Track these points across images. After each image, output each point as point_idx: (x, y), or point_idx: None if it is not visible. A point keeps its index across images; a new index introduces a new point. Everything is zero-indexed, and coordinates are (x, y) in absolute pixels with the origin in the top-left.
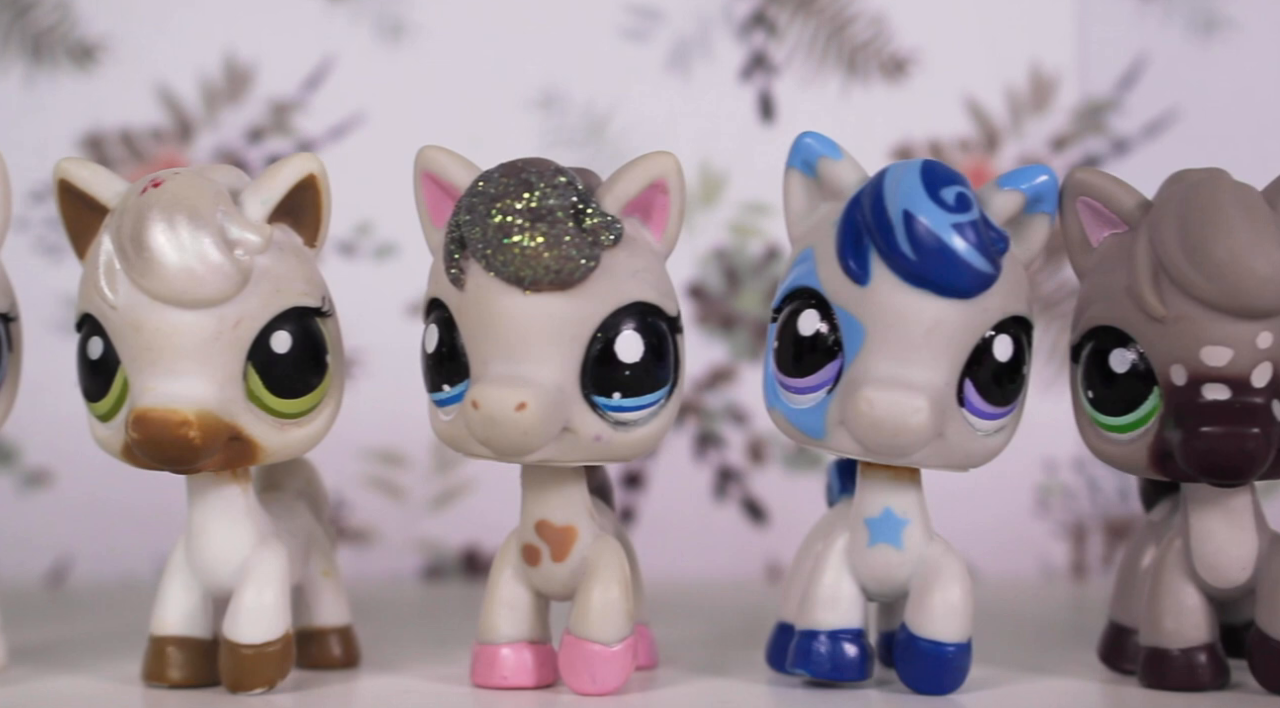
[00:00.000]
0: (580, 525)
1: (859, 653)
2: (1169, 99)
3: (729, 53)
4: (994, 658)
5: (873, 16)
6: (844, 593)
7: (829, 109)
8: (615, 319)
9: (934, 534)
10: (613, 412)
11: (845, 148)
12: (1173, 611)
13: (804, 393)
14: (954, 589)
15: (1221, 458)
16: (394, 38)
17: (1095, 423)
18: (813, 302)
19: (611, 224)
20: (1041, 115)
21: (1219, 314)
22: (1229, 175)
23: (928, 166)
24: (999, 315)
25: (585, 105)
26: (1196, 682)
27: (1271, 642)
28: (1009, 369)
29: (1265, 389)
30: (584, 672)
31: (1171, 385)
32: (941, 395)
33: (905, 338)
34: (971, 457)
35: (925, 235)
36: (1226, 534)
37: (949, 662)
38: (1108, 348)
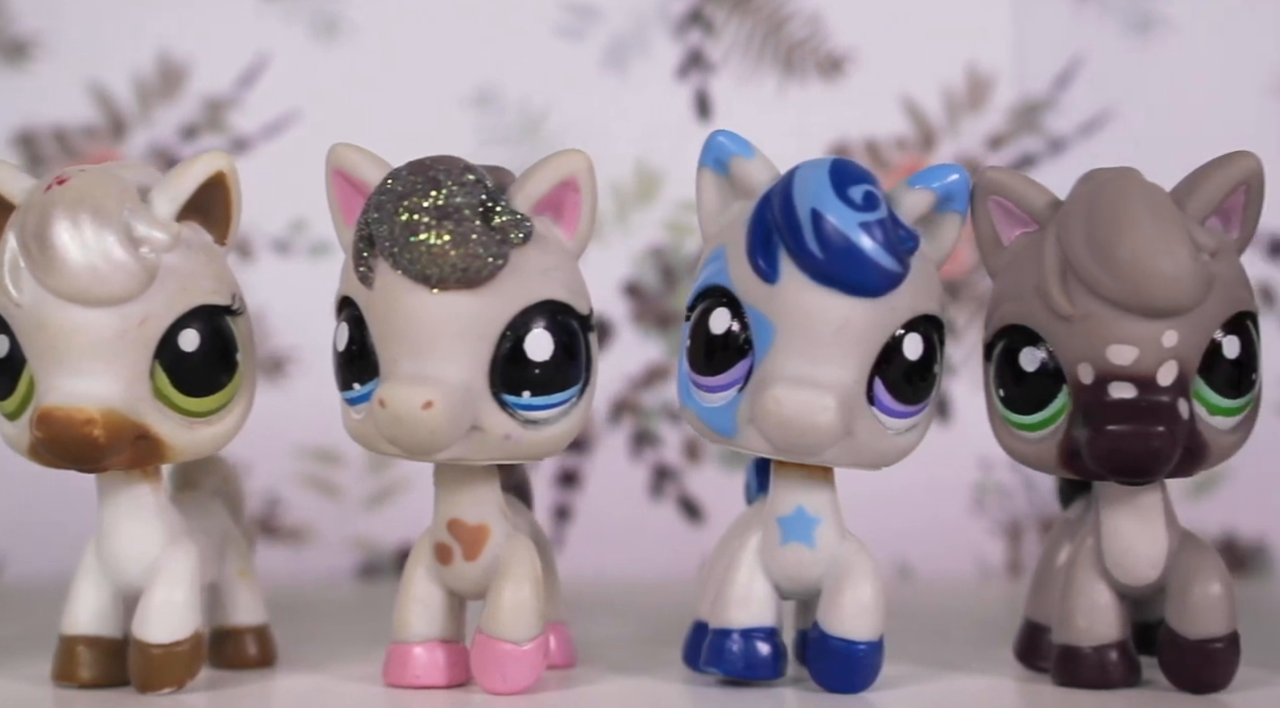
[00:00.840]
0: (492, 524)
1: (772, 652)
2: (1105, 98)
3: (665, 51)
4: (917, 656)
5: (809, 15)
6: (757, 592)
7: (766, 108)
8: (525, 318)
9: (847, 533)
10: (523, 410)
11: (760, 146)
12: (1085, 609)
13: (715, 391)
14: (865, 588)
15: (1128, 456)
16: (329, 35)
17: (1007, 421)
18: (724, 300)
19: (521, 222)
20: (978, 114)
21: (1124, 313)
22: (1139, 175)
23: (836, 165)
24: (908, 314)
25: (521, 103)
26: (1108, 680)
27: (1181, 640)
28: (920, 368)
29: (1171, 388)
30: (495, 671)
31: (1079, 384)
32: (850, 394)
33: (814, 337)
34: (883, 455)
35: (833, 234)
36: (1137, 532)
37: (860, 660)
38: (1018, 347)
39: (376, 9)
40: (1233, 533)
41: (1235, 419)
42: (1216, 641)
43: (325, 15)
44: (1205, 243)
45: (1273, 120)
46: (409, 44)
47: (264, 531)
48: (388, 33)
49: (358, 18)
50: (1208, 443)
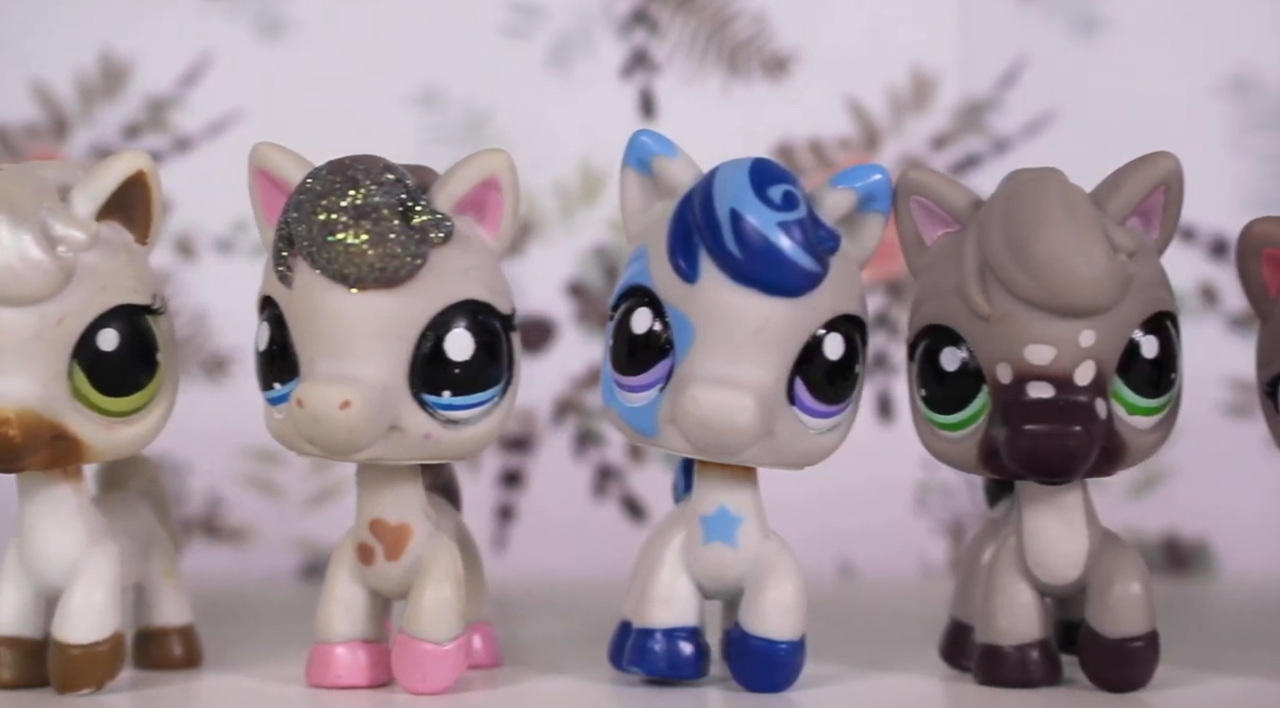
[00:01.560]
0: (415, 524)
1: (695, 651)
2: (1049, 98)
3: (610, 50)
4: (847, 655)
5: (754, 15)
6: (680, 591)
7: (710, 107)
8: (445, 317)
9: (770, 532)
10: (443, 410)
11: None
12: (1006, 608)
13: (637, 391)
14: (787, 587)
15: (1045, 456)
16: (272, 34)
17: (929, 421)
18: (645, 300)
19: (441, 222)
20: (922, 114)
21: (1042, 313)
22: (1059, 175)
23: (757, 165)
24: (829, 314)
25: (465, 103)
26: (1029, 679)
27: (1102, 639)
28: (841, 368)
29: (1089, 387)
30: (415, 671)
31: (998, 384)
32: (770, 394)
33: (733, 336)
34: (804, 455)
35: (751, 234)
36: (1058, 532)
37: (781, 660)
38: (939, 346)
39: (320, 8)
40: (1174, 533)
41: (1154, 419)
42: (1136, 640)
43: (269, 14)
44: (1123, 243)
45: (1217, 121)
46: (353, 43)
47: (206, 531)
48: (331, 32)
49: (301, 17)
50: (1126, 443)
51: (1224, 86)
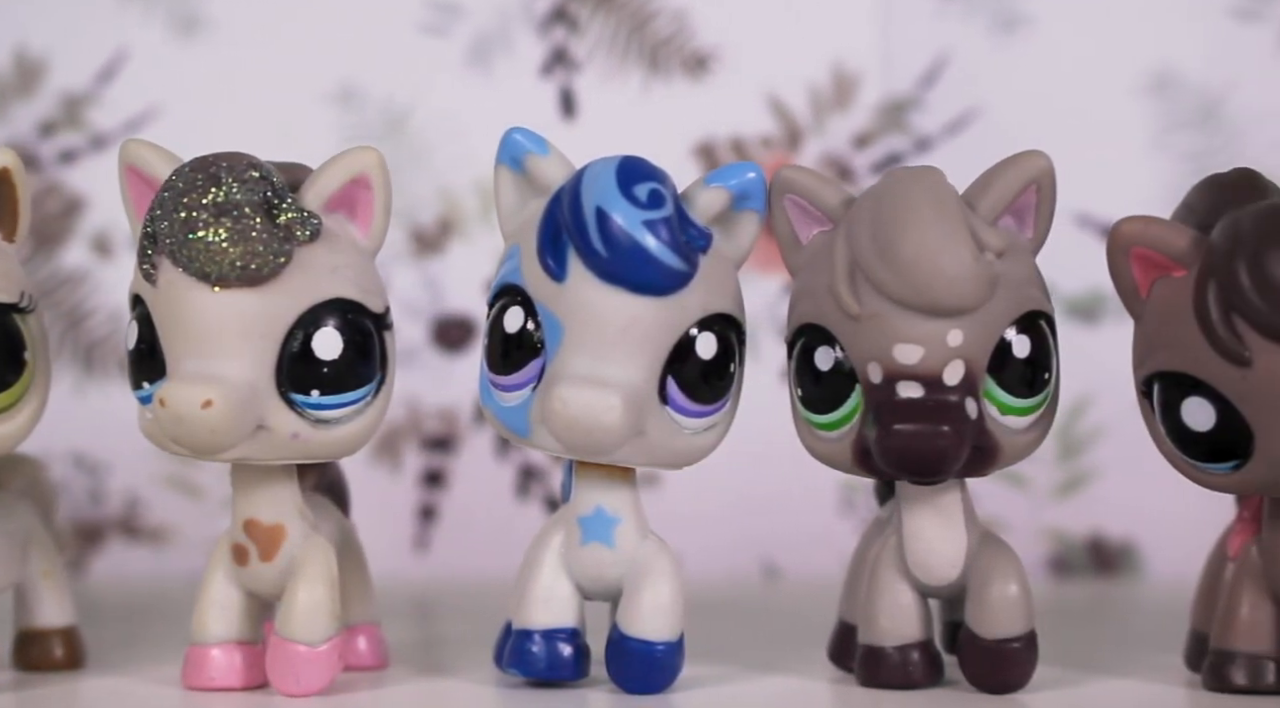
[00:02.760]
0: (289, 525)
1: (574, 652)
2: (970, 97)
3: (529, 48)
4: (742, 657)
5: (674, 13)
6: (559, 592)
7: (630, 106)
8: (312, 316)
9: (648, 533)
10: (311, 409)
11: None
12: (888, 608)
13: (511, 390)
14: (664, 588)
15: (914, 455)
16: (188, 31)
17: (806, 421)
18: (518, 299)
19: (308, 220)
20: (844, 113)
21: (909, 312)
22: (932, 174)
23: (624, 163)
24: (700, 313)
25: (384, 101)
26: (909, 679)
27: (980, 640)
28: (715, 367)
29: (958, 387)
30: (288, 673)
31: (869, 383)
32: (639, 393)
33: (601, 335)
34: (679, 455)
35: (617, 233)
36: (936, 532)
37: (658, 661)
38: (814, 346)
39: (237, 5)
40: (1100, 534)
41: (1029, 418)
42: (1014, 641)
43: (185, 11)
44: (991, 242)
45: (1139, 120)
46: (270, 40)
47: (124, 531)
48: (249, 29)
49: (218, 14)
50: (999, 443)
51: (1145, 85)
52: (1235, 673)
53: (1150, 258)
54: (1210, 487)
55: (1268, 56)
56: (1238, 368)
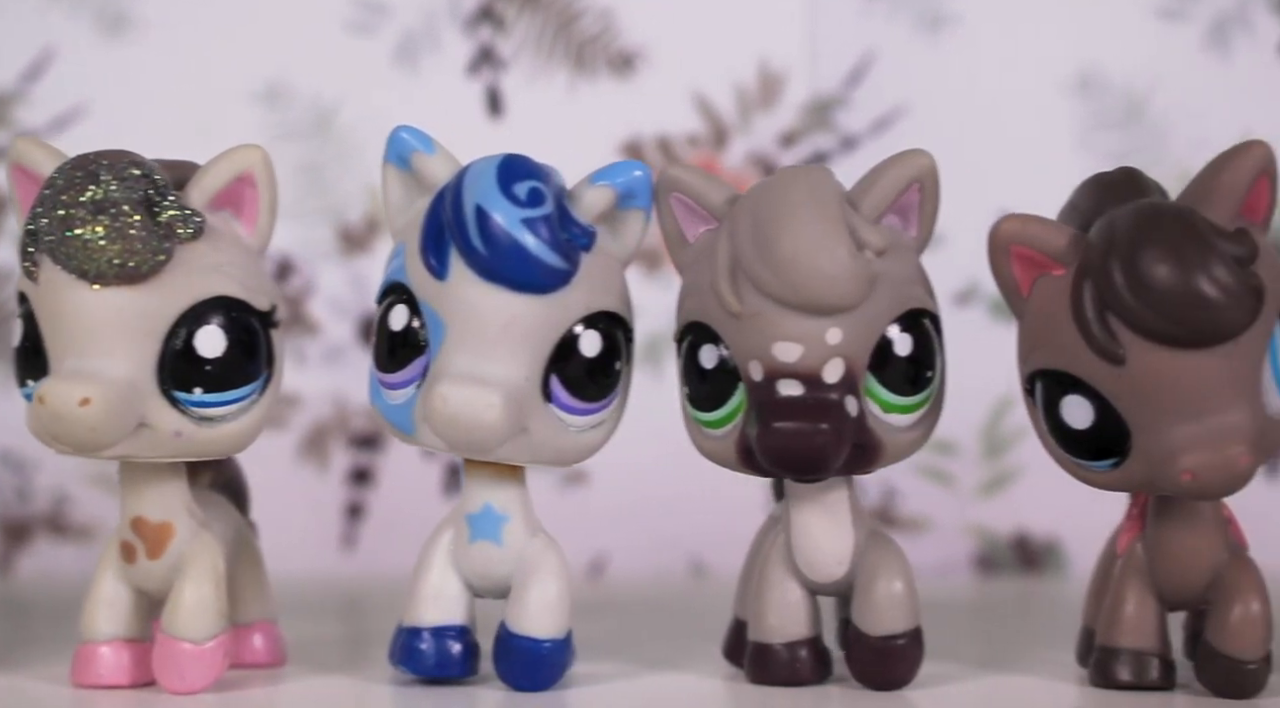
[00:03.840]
0: (177, 522)
1: (463, 650)
2: (896, 95)
3: (456, 47)
4: (639, 655)
5: (600, 11)
6: (448, 590)
7: (557, 104)
8: (194, 314)
9: (537, 531)
10: (194, 407)
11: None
12: (776, 606)
13: (397, 388)
14: (551, 586)
15: (794, 453)
16: (116, 29)
17: (694, 419)
18: (403, 297)
19: (189, 218)
20: (770, 112)
21: (788, 310)
22: (815, 172)
23: (506, 162)
24: (583, 311)
25: (311, 99)
26: (797, 676)
27: (865, 638)
28: (600, 365)
29: (838, 385)
30: (173, 670)
31: (751, 381)
32: (520, 391)
33: (482, 333)
34: (564, 452)
35: (496, 231)
36: (823, 529)
37: (545, 658)
38: (699, 344)
39: (164, 3)
40: (1025, 532)
41: (912, 417)
42: (899, 638)
43: (112, 9)
44: (871, 241)
45: (1064, 119)
46: (198, 38)
47: (52, 529)
48: (176, 27)
49: (146, 12)
50: (881, 440)
51: (1070, 84)
52: (1120, 670)
53: (1030, 256)
54: (1093, 484)
55: (1192, 56)
56: (1113, 366)
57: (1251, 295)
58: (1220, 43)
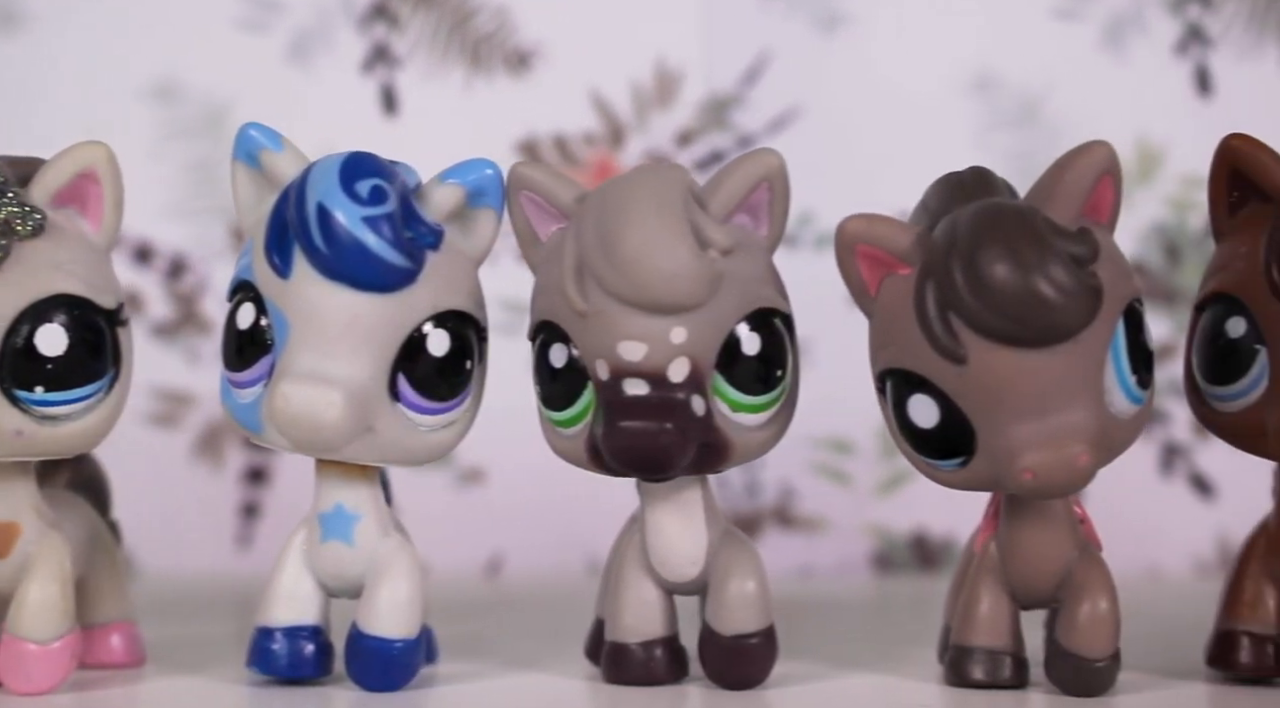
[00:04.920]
0: (24, 522)
1: (316, 650)
2: (792, 95)
3: (350, 45)
4: (507, 654)
5: (496, 9)
6: (302, 590)
7: (452, 103)
8: (35, 311)
9: (390, 530)
10: (36, 406)
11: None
12: (632, 605)
13: (245, 387)
14: (402, 586)
15: (638, 452)
16: (6, 26)
17: (547, 418)
18: (250, 295)
19: (29, 214)
20: (666, 110)
21: (632, 309)
22: (662, 170)
23: (350, 160)
24: (430, 310)
25: (203, 96)
26: (653, 676)
27: (717, 637)
28: (449, 364)
29: (684, 384)
30: (18, 671)
31: (599, 380)
32: (364, 390)
33: (324, 332)
34: (414, 452)
35: (337, 230)
36: (677, 529)
37: (396, 659)
38: (550, 343)
39: (54, 0)
40: (922, 530)
41: (762, 416)
42: (751, 637)
43: (2, 6)
44: (717, 240)
45: (960, 119)
46: (88, 35)
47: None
48: (66, 24)
49: (36, 8)
50: (730, 440)
51: (966, 84)
52: (974, 669)
53: (876, 256)
54: (943, 483)
55: (1087, 57)
56: (955, 366)
57: (1090, 295)
58: (1116, 43)
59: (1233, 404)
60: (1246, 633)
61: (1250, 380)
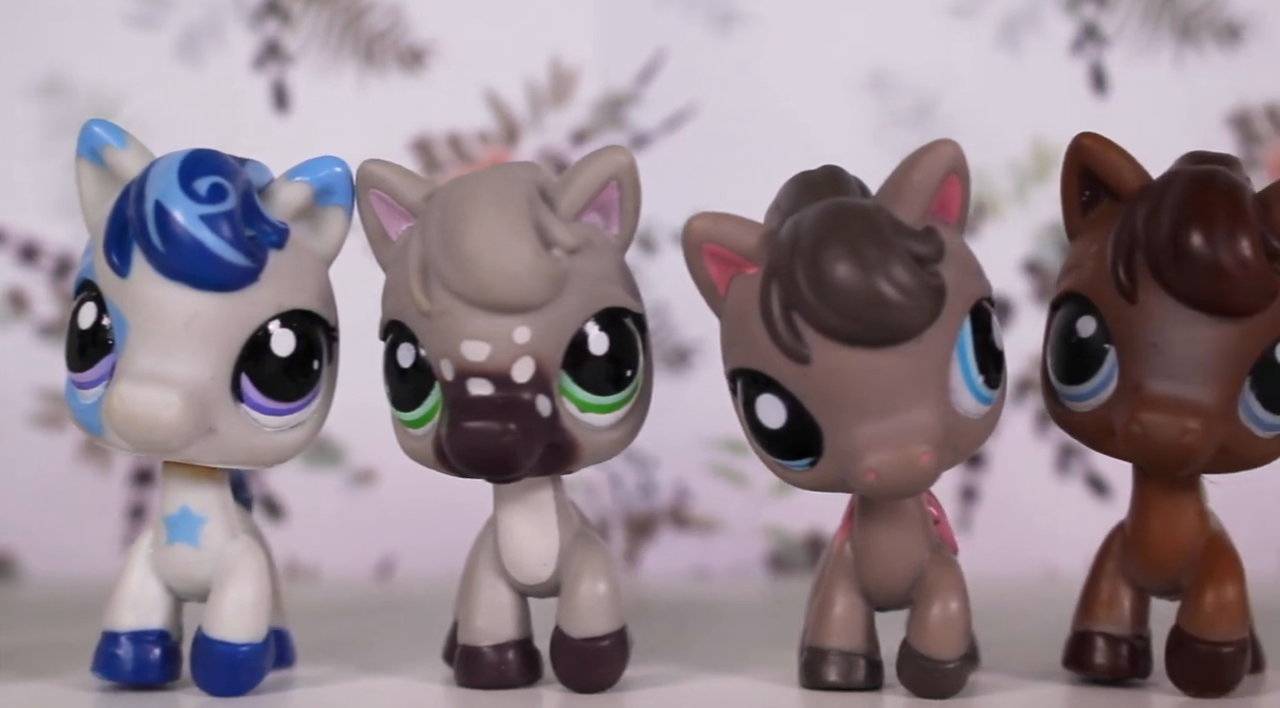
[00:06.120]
0: None
1: (162, 655)
2: (688, 93)
3: (242, 41)
4: (362, 658)
5: (389, 7)
6: (149, 594)
7: (346, 100)
8: None
9: (238, 533)
10: None
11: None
12: (484, 607)
13: (87, 388)
14: (248, 589)
15: (482, 453)
16: None
17: (397, 418)
18: (92, 295)
19: None
20: (561, 108)
21: (475, 309)
22: (511, 169)
23: (190, 157)
24: (273, 309)
25: (92, 93)
26: (505, 679)
27: (568, 639)
28: (295, 364)
29: (529, 384)
30: None
31: (444, 380)
32: (205, 390)
33: (163, 332)
34: (259, 453)
35: (175, 228)
36: (528, 530)
37: (242, 662)
38: (399, 342)
39: None
40: (818, 531)
41: (612, 416)
42: (602, 639)
43: None
44: (562, 239)
45: (856, 117)
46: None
47: None
48: None
49: None
50: (577, 440)
51: (863, 82)
52: (828, 670)
53: (723, 255)
54: (794, 484)
55: (983, 55)
56: (800, 365)
57: (932, 295)
58: (1012, 42)
59: (1084, 404)
60: (1101, 634)
61: (1100, 380)
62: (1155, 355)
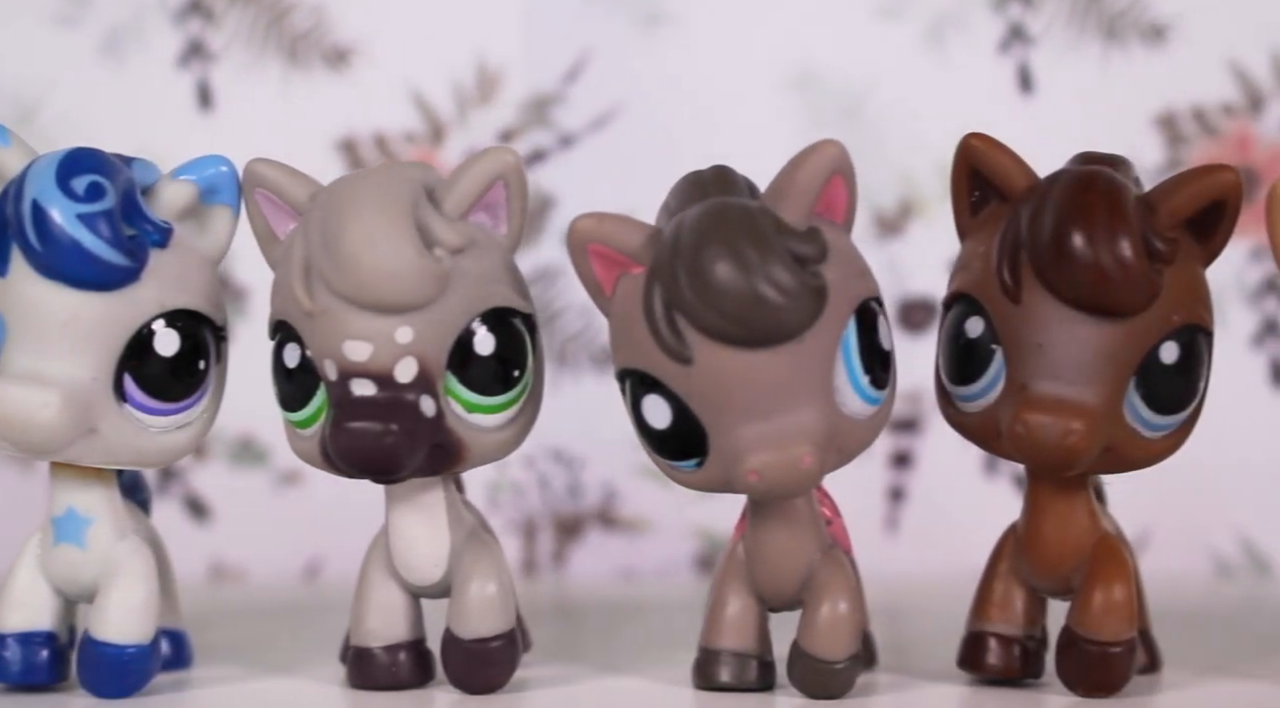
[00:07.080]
0: None
1: (50, 656)
2: (614, 93)
3: (164, 40)
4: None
5: (314, 5)
6: (37, 594)
7: (270, 99)
8: None
9: (126, 534)
10: None
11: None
12: (376, 608)
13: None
14: (136, 590)
15: (364, 453)
16: None
17: (286, 419)
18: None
19: None
20: (487, 108)
21: (357, 309)
22: (395, 168)
23: (69, 156)
24: (156, 309)
25: (13, 93)
26: (397, 680)
27: (458, 640)
28: (179, 364)
29: (413, 384)
30: None
31: (328, 380)
32: (86, 390)
33: (42, 331)
34: (144, 454)
35: (52, 227)
36: (418, 530)
37: (127, 664)
38: (285, 342)
39: None
40: None
41: (500, 417)
42: (492, 640)
43: None
44: (446, 239)
45: (782, 116)
46: None
47: None
48: None
49: None
50: (463, 440)
51: (788, 82)
52: (721, 671)
53: (608, 255)
54: (683, 485)
55: (910, 56)
56: (682, 366)
57: (812, 295)
58: (938, 42)
59: (974, 404)
60: (994, 634)
61: (988, 381)
62: (1040, 356)
